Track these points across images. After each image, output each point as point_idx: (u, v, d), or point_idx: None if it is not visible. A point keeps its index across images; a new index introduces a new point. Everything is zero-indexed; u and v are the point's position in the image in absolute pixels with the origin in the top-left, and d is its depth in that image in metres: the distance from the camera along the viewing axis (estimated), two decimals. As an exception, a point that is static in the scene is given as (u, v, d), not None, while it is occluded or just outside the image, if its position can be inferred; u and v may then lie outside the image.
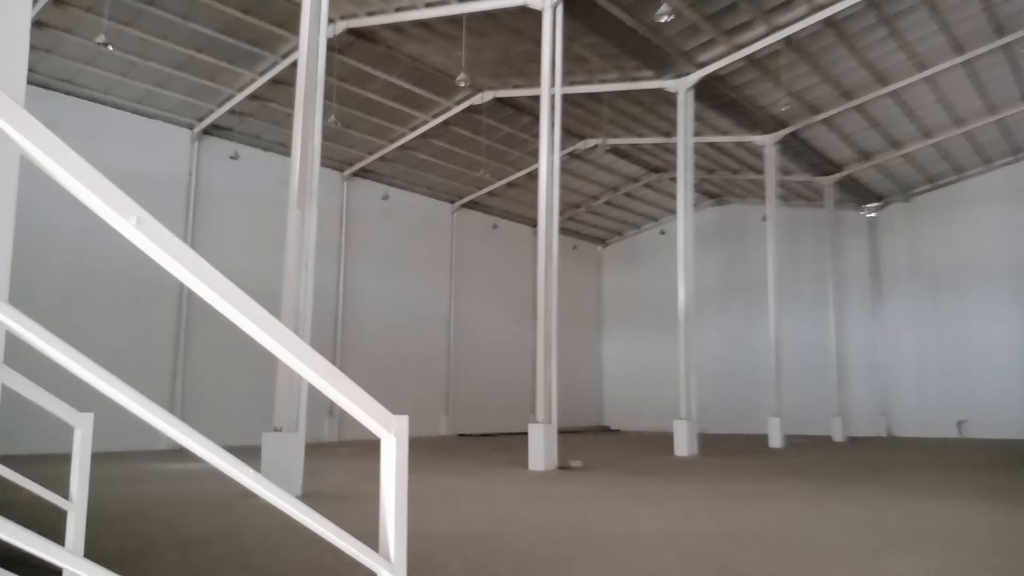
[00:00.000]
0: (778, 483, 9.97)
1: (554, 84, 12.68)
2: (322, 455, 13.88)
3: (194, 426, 1.62)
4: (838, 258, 24.10)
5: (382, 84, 17.70)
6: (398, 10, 14.83)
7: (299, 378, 8.75)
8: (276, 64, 16.24)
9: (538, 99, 13.34)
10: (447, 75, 17.27)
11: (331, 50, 13.09)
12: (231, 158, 18.17)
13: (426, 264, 23.76)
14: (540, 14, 12.87)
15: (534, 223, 21.63)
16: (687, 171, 16.71)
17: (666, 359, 22.42)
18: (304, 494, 8.36)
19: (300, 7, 10.10)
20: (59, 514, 2.93)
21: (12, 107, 1.38)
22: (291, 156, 9.61)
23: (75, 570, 1.50)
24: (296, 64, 10.17)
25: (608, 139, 21.38)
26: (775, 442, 18.17)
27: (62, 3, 13.51)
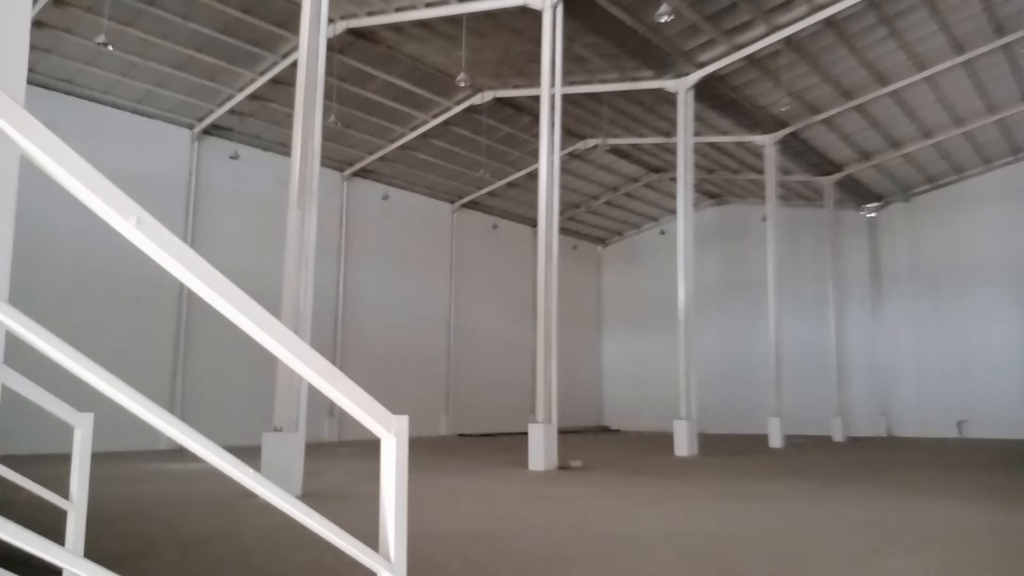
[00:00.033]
0: (778, 483, 9.97)
1: (554, 84, 12.68)
2: (322, 455, 13.88)
3: (194, 426, 1.63)
4: (838, 258, 24.10)
5: (382, 84, 17.70)
6: (398, 10, 14.83)
7: (299, 378, 8.76)
8: (276, 64, 16.24)
9: (538, 99, 13.34)
10: (447, 75, 17.27)
11: (331, 50, 13.09)
12: (231, 158, 18.17)
13: (426, 264, 23.77)
14: (540, 14, 12.87)
15: (534, 223, 21.63)
16: (687, 171, 16.71)
17: (666, 359, 22.41)
18: (304, 494, 8.36)
19: (300, 7, 10.10)
20: (59, 514, 2.93)
21: (12, 107, 1.38)
22: (291, 156, 9.61)
23: (75, 570, 1.50)
24: (296, 64, 10.18)
25: (608, 139, 21.38)
26: (775, 442, 18.17)
27: (62, 3, 13.51)
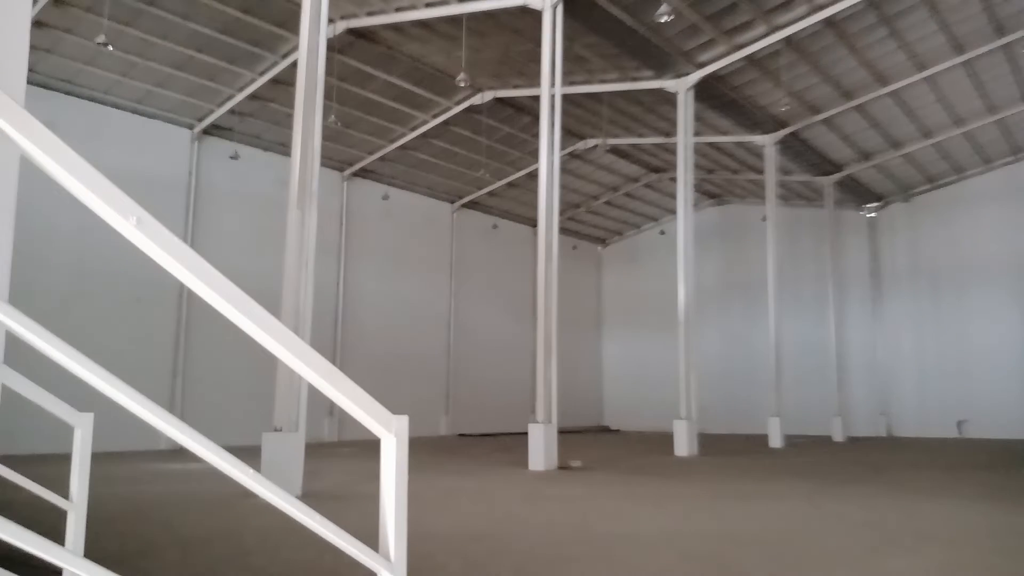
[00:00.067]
0: (778, 483, 9.98)
1: (554, 84, 12.68)
2: (322, 455, 13.89)
3: (194, 426, 1.63)
4: (838, 258, 24.11)
5: (382, 84, 17.70)
6: (398, 10, 14.83)
7: (299, 378, 8.76)
8: (276, 64, 16.25)
9: (538, 99, 13.34)
10: (447, 75, 17.27)
11: (331, 50, 13.09)
12: (231, 158, 18.18)
13: (426, 264, 23.77)
14: (540, 14, 12.87)
15: (534, 223, 21.63)
16: (687, 171, 16.71)
17: (666, 359, 22.41)
18: (304, 494, 8.36)
19: (300, 7, 10.10)
20: (59, 514, 2.93)
21: (12, 107, 1.38)
22: (291, 156, 9.61)
23: (75, 570, 1.50)
24: (296, 64, 10.17)
25: (608, 139, 21.38)
26: (775, 442, 18.17)
27: (62, 3, 13.51)
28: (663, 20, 13.60)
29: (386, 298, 22.13)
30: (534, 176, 19.06)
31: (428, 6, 14.61)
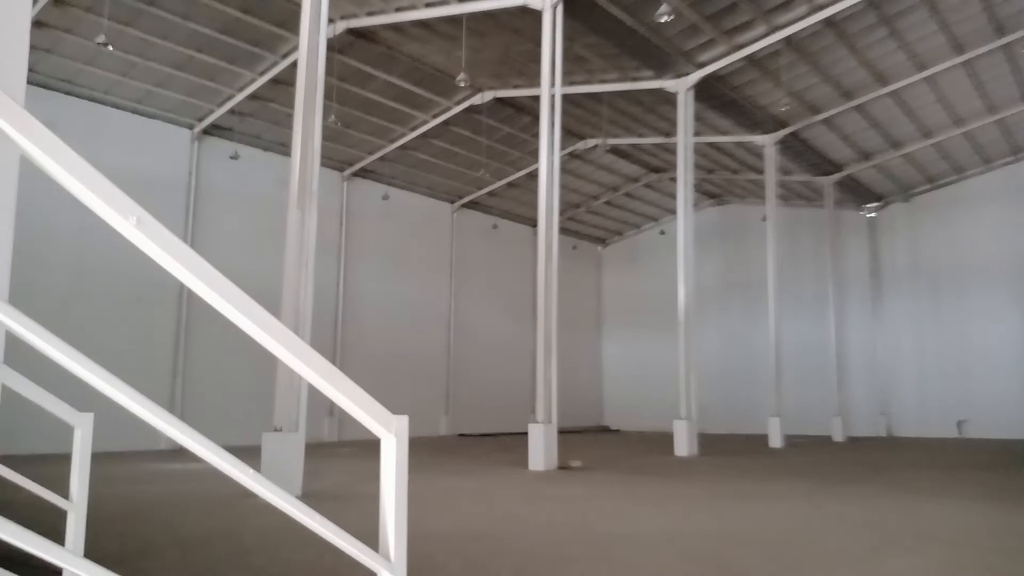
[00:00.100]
0: (778, 483, 9.98)
1: (554, 84, 12.68)
2: (322, 455, 13.89)
3: (194, 426, 1.63)
4: (838, 258, 24.10)
5: (382, 84, 17.70)
6: (398, 10, 14.83)
7: (299, 378, 8.76)
8: (276, 64, 16.25)
9: (538, 99, 13.34)
10: (447, 75, 17.27)
11: (331, 50, 13.09)
12: (231, 158, 18.18)
13: (426, 264, 23.77)
14: (540, 14, 12.87)
15: (534, 223, 21.63)
16: (687, 171, 16.71)
17: (666, 359, 22.41)
18: (304, 494, 8.36)
19: (300, 7, 10.10)
20: (59, 514, 2.93)
21: (12, 107, 1.38)
22: (291, 156, 9.61)
23: (75, 570, 1.50)
24: (296, 64, 10.17)
25: (608, 139, 21.39)
26: (775, 442, 18.17)
27: (62, 3, 13.51)
28: (663, 20, 13.60)
29: (386, 298, 22.13)
30: (534, 176, 19.06)
31: (428, 6, 14.61)
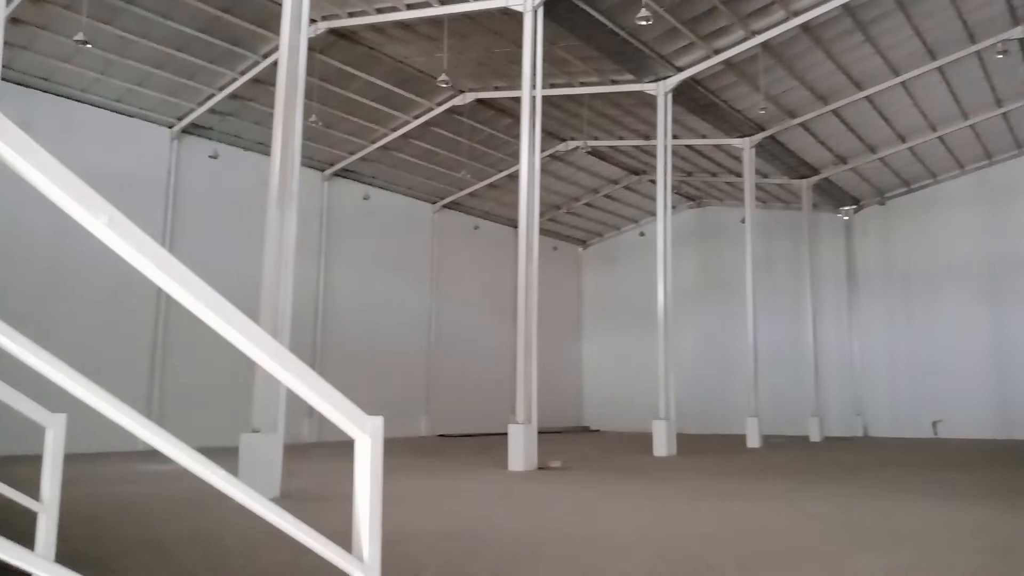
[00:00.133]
0: (756, 483, 10.07)
1: (535, 86, 12.73)
2: (305, 455, 13.80)
3: (174, 427, 1.63)
4: (815, 260, 24.33)
5: (363, 84, 17.65)
6: (379, 11, 14.81)
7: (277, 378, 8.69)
8: (257, 64, 16.15)
9: (519, 101, 13.37)
10: (428, 76, 17.27)
11: (312, 50, 13.03)
12: (210, 157, 18.02)
13: (407, 264, 23.72)
14: (521, 16, 12.91)
15: (515, 224, 21.62)
16: (666, 173, 16.83)
17: (645, 360, 22.56)
18: (283, 495, 8.32)
19: (281, 7, 10.05)
20: (30, 517, 2.90)
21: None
22: (271, 156, 9.55)
23: (45, 574, 1.50)
24: (277, 64, 10.12)
25: (588, 141, 21.48)
26: (753, 442, 18.32)
27: (39, 0, 13.35)
28: (643, 24, 13.69)
29: (366, 298, 22.05)
30: (515, 177, 19.06)
31: (409, 7, 14.61)
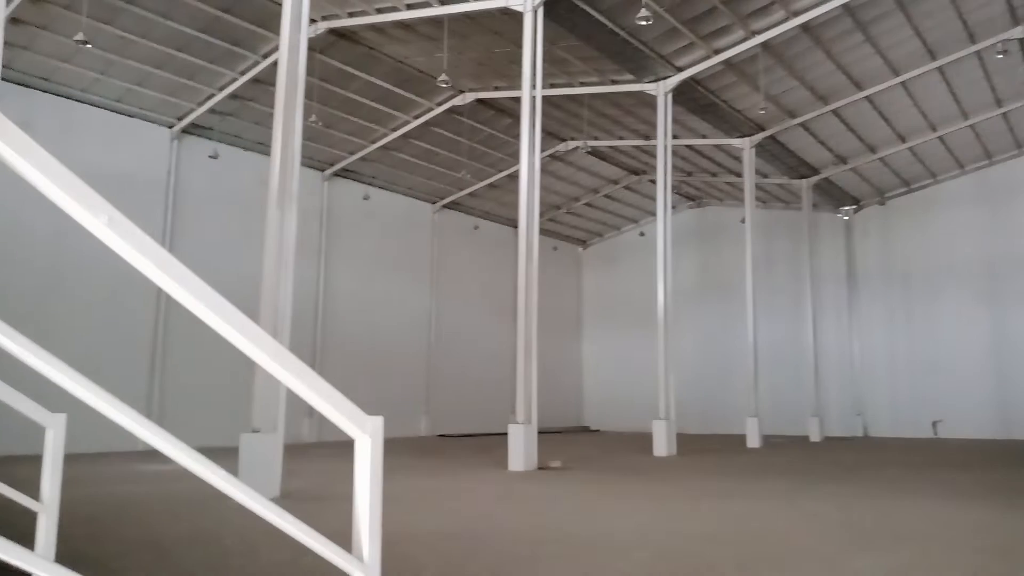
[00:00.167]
0: (756, 483, 10.07)
1: (535, 86, 12.73)
2: (305, 455, 13.80)
3: (174, 427, 1.63)
4: (815, 260, 24.33)
5: (363, 84, 17.65)
6: (379, 11, 14.81)
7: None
8: (257, 64, 16.15)
9: (519, 101, 13.37)
10: (428, 76, 17.26)
11: (312, 50, 13.04)
12: (210, 157, 18.02)
13: (407, 264, 23.72)
14: (521, 16, 12.91)
15: (515, 224, 21.62)
16: (666, 173, 16.83)
17: (645, 360, 22.56)
18: (283, 495, 8.32)
19: (281, 7, 10.05)
20: (30, 517, 2.90)
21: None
22: (271, 156, 9.55)
23: (45, 574, 1.50)
24: (277, 64, 10.12)
25: (588, 141, 21.48)
26: (753, 442, 18.32)
27: (39, 0, 13.35)
28: (643, 24, 13.69)
29: (366, 298, 22.05)
30: (515, 177, 19.06)
31: (409, 7, 14.61)
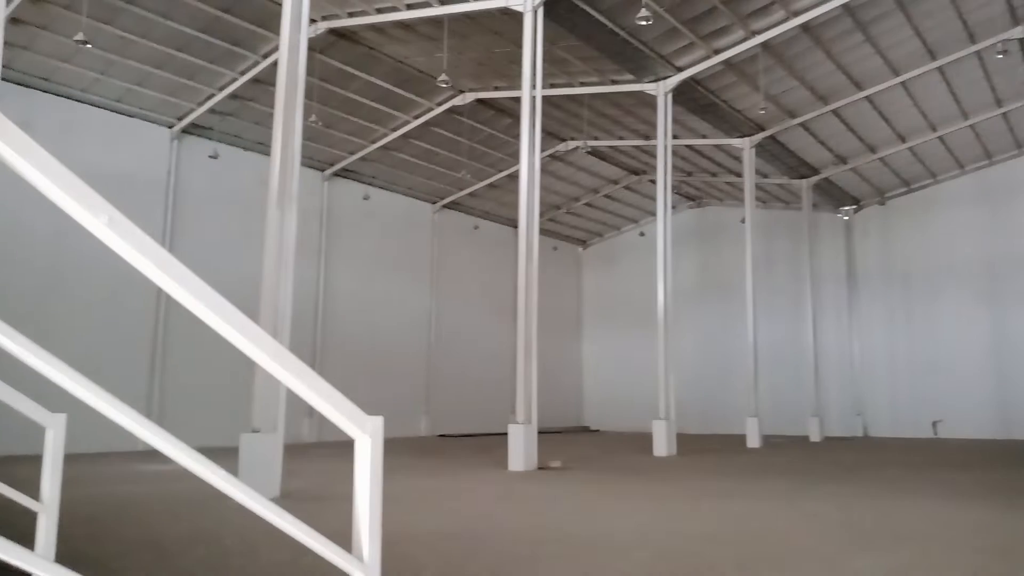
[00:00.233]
0: (756, 483, 10.07)
1: (535, 86, 12.73)
2: (305, 455, 13.80)
3: (174, 427, 1.63)
4: (815, 260, 24.33)
5: (363, 84, 17.65)
6: (379, 11, 14.80)
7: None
8: (257, 64, 16.15)
9: (519, 101, 13.37)
10: (428, 76, 17.26)
11: (312, 50, 13.04)
12: (210, 157, 18.02)
13: (407, 264, 23.72)
14: (521, 16, 12.91)
15: (515, 224, 21.62)
16: (666, 173, 16.83)
17: (645, 360, 22.55)
18: (283, 495, 8.32)
19: (281, 7, 10.05)
20: (30, 517, 2.90)
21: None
22: (271, 156, 9.55)
23: (45, 574, 1.50)
24: (277, 64, 10.12)
25: (588, 141, 21.48)
26: (753, 442, 18.31)
27: (39, 0, 13.35)
28: (642, 24, 13.68)
29: (367, 298, 22.05)
30: (515, 177, 19.06)
31: (409, 7, 14.61)
